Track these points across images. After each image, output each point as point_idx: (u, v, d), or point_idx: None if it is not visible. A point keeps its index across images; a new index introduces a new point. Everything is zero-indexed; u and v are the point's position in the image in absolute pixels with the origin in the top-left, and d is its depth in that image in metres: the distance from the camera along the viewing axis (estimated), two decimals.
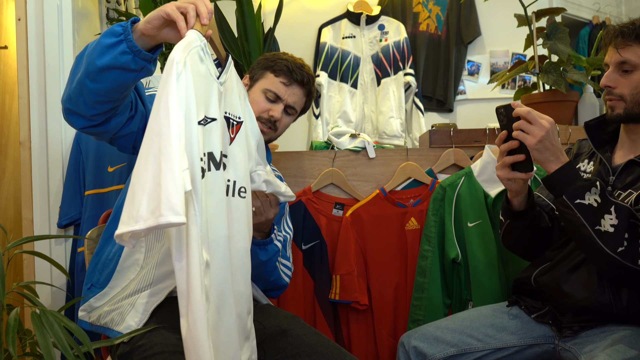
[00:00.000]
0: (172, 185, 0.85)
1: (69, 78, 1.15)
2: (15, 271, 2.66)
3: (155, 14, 1.06)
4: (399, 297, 1.92)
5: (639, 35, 1.31)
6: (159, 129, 0.89)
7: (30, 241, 1.26)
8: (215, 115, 1.06)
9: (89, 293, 1.32)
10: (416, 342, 1.42)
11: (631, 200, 1.29)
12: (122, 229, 0.87)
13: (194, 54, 1.01)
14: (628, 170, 1.35)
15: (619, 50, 1.33)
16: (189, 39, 1.01)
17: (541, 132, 1.24)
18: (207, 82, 1.05)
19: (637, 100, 1.33)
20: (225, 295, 1.06)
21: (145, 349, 1.14)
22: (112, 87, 1.10)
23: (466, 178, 1.86)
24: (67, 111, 1.16)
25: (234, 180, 1.15)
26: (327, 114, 3.21)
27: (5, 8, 2.91)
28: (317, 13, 3.36)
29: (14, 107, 2.93)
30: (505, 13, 2.52)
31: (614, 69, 1.35)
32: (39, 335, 1.04)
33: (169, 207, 0.84)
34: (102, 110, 1.15)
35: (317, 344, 1.28)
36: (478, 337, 1.41)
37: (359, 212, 1.93)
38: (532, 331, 1.41)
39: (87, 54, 1.10)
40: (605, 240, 1.20)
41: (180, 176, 0.86)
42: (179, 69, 0.94)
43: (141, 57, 1.07)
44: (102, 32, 2.37)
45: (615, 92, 1.35)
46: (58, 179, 1.99)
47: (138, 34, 1.08)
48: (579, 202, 1.22)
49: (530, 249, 1.51)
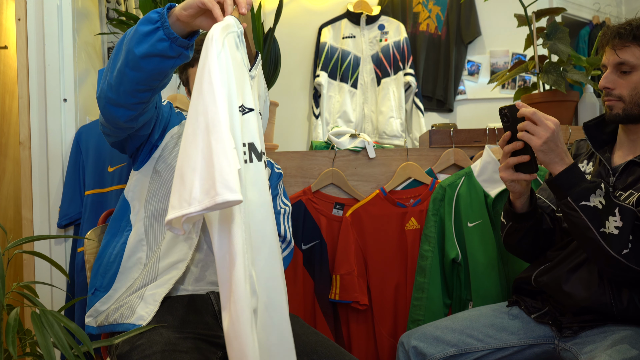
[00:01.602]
0: (225, 163, 0.80)
1: (109, 67, 1.15)
2: (15, 271, 2.66)
3: (192, 2, 1.05)
4: (399, 297, 1.92)
5: (637, 36, 1.31)
6: (204, 107, 0.85)
7: (30, 241, 1.26)
8: (251, 105, 1.04)
9: (94, 298, 1.32)
10: (416, 342, 1.42)
11: (633, 200, 1.28)
12: (174, 213, 0.81)
13: (232, 38, 0.98)
14: (629, 171, 1.35)
15: (617, 52, 1.33)
16: (227, 22, 0.98)
17: (547, 133, 1.24)
18: (242, 71, 1.02)
19: (635, 100, 1.33)
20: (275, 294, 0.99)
21: (145, 348, 1.14)
22: (152, 74, 1.11)
23: (466, 178, 1.86)
24: (109, 101, 1.16)
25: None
26: (327, 114, 3.21)
27: (5, 8, 2.91)
28: (317, 13, 3.36)
29: (14, 107, 2.93)
30: (505, 13, 2.52)
31: (612, 70, 1.35)
32: (39, 335, 1.04)
33: (224, 185, 0.79)
34: (143, 99, 1.16)
35: (316, 344, 1.28)
36: (478, 337, 1.41)
37: (359, 212, 1.93)
38: (532, 331, 1.41)
39: (125, 42, 1.10)
40: (610, 242, 1.20)
41: (233, 153, 0.82)
42: (218, 47, 0.90)
43: (178, 43, 1.07)
44: (102, 32, 2.37)
45: (614, 93, 1.35)
46: (58, 179, 1.99)
47: (173, 19, 1.08)
48: (584, 204, 1.22)
49: (532, 251, 1.50)
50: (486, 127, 2.00)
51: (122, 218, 1.36)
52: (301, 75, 3.34)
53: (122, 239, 1.34)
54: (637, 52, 1.32)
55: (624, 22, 1.35)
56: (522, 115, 1.27)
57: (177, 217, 0.81)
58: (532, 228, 1.44)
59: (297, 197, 1.94)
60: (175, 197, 0.83)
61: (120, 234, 1.35)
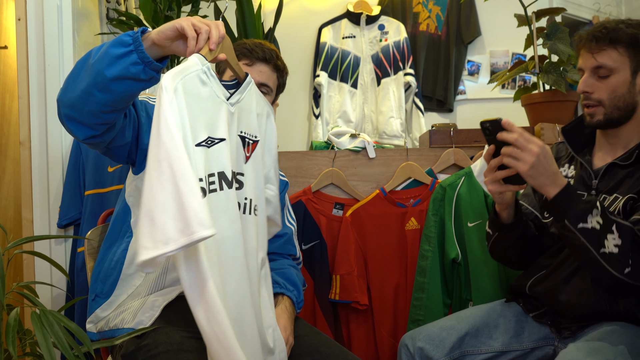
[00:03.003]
0: (196, 202, 0.87)
1: (69, 85, 1.13)
2: (15, 271, 2.66)
3: (170, 26, 1.07)
4: (399, 297, 1.92)
5: (613, 39, 1.29)
6: (166, 153, 0.91)
7: (30, 241, 1.26)
8: (223, 135, 1.08)
9: (94, 304, 1.31)
10: (422, 344, 1.41)
11: (619, 205, 1.28)
12: (149, 253, 0.87)
13: (192, 78, 1.03)
14: (610, 173, 1.35)
15: (595, 55, 1.31)
16: (187, 64, 1.04)
17: (531, 157, 1.20)
18: (213, 104, 1.07)
19: (615, 104, 1.32)
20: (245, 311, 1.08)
21: (150, 349, 1.14)
22: (120, 97, 1.10)
23: (466, 178, 1.86)
24: (69, 118, 1.14)
25: (250, 198, 1.17)
26: (327, 114, 3.21)
27: (5, 8, 2.91)
28: (317, 13, 3.36)
29: (14, 107, 2.93)
30: (505, 13, 2.52)
31: (590, 74, 1.34)
32: (39, 335, 1.04)
33: (199, 223, 0.86)
34: (107, 120, 1.15)
35: (319, 344, 1.28)
36: (482, 339, 1.41)
37: (359, 212, 1.93)
38: (534, 333, 1.41)
39: (92, 63, 1.09)
40: (612, 262, 1.18)
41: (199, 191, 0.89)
42: (169, 95, 0.96)
43: (152, 67, 1.08)
44: (102, 32, 2.37)
45: (594, 97, 1.34)
46: (58, 179, 1.99)
47: (149, 43, 1.08)
48: (582, 227, 1.20)
49: (520, 259, 1.49)
50: None
51: (123, 223, 1.34)
52: (301, 75, 3.34)
53: (123, 245, 1.32)
54: (614, 55, 1.30)
55: (596, 26, 1.33)
56: (503, 140, 1.23)
57: (153, 257, 0.87)
58: (519, 237, 1.43)
59: (297, 197, 1.94)
60: (146, 238, 0.88)
61: (121, 240, 1.33)
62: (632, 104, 1.33)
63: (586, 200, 1.23)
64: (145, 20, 2.13)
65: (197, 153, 1.02)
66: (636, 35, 1.29)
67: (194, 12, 2.26)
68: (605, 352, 1.15)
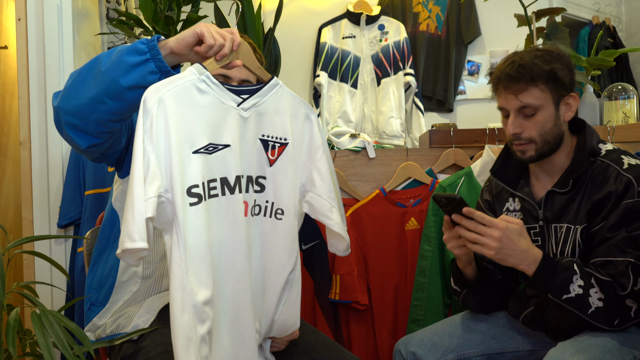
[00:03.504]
0: (130, 216, 0.95)
1: (72, 92, 1.10)
2: (15, 271, 2.66)
3: (190, 32, 1.07)
4: (399, 297, 1.92)
5: (533, 77, 1.29)
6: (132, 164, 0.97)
7: (30, 241, 1.26)
8: (228, 141, 1.08)
9: (90, 313, 1.30)
10: (414, 348, 1.41)
11: (577, 236, 1.29)
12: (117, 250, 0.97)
13: (186, 88, 1.04)
14: (551, 201, 1.35)
15: (518, 96, 1.30)
16: (178, 75, 1.05)
17: (494, 243, 1.20)
18: (216, 111, 1.07)
19: (545, 139, 1.32)
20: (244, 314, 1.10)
21: (149, 350, 1.14)
22: (132, 105, 1.09)
23: (466, 178, 1.86)
24: (71, 126, 1.11)
25: (272, 201, 1.17)
26: (327, 114, 3.21)
27: (5, 8, 2.91)
28: (317, 13, 3.36)
29: (13, 107, 2.93)
30: (505, 13, 2.52)
31: (516, 114, 1.33)
32: (39, 335, 1.04)
33: (127, 235, 0.94)
34: (113, 128, 1.14)
35: (316, 343, 1.28)
36: (476, 342, 1.41)
37: (359, 212, 1.93)
38: (531, 336, 1.41)
39: (104, 70, 1.07)
40: (600, 318, 1.20)
41: (141, 206, 0.95)
42: (148, 105, 0.99)
43: (168, 76, 1.06)
44: (102, 32, 2.37)
45: (524, 136, 1.33)
46: (58, 179, 2.00)
47: (167, 51, 1.08)
48: (566, 297, 1.21)
49: (496, 305, 1.47)
50: (486, 127, 2.00)
51: (112, 228, 1.32)
52: (301, 75, 3.34)
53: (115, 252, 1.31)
54: (536, 92, 1.30)
55: (508, 62, 1.32)
56: (462, 235, 1.24)
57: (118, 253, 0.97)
58: (489, 285, 1.42)
59: None
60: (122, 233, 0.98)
61: (111, 246, 1.30)
62: (560, 134, 1.34)
63: (564, 267, 1.23)
64: (145, 20, 2.13)
65: (193, 160, 1.03)
66: (554, 70, 1.29)
67: (194, 12, 2.26)
68: (593, 350, 1.16)
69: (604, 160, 1.31)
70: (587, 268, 1.24)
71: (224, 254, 1.07)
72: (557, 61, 1.31)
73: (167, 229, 1.02)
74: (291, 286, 1.22)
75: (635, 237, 1.22)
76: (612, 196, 1.25)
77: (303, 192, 1.22)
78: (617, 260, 1.22)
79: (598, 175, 1.30)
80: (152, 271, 1.30)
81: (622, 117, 2.16)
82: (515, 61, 1.31)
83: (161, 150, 0.99)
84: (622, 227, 1.23)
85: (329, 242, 1.27)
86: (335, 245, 1.26)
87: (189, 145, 1.03)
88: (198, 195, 1.03)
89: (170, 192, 1.00)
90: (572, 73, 1.34)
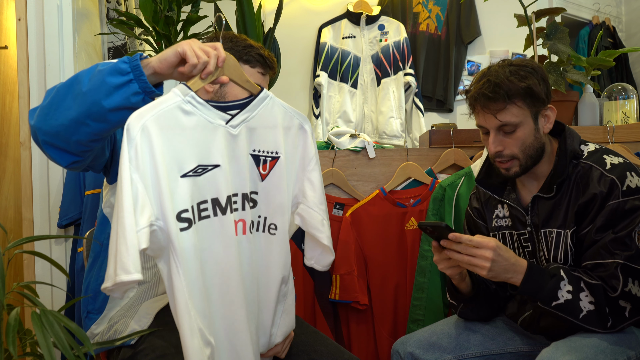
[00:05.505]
0: (123, 248, 0.93)
1: (49, 112, 1.06)
2: (16, 271, 2.66)
3: (172, 52, 1.05)
4: (399, 297, 1.92)
5: (509, 95, 1.28)
6: (119, 194, 0.96)
7: (30, 241, 1.26)
8: (218, 161, 1.06)
9: (88, 322, 1.30)
10: (412, 349, 1.41)
11: (568, 241, 1.29)
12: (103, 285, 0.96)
13: (170, 111, 1.01)
14: (538, 206, 1.35)
15: (497, 116, 1.30)
16: (161, 99, 1.02)
17: (486, 263, 1.20)
18: (203, 131, 1.05)
19: (527, 154, 1.33)
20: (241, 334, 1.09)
21: (148, 353, 1.14)
22: (115, 126, 1.07)
23: (466, 178, 1.86)
24: (50, 146, 1.08)
25: (264, 216, 1.16)
26: (327, 114, 3.21)
27: (5, 8, 2.91)
28: (317, 13, 3.36)
29: (14, 107, 2.93)
30: (505, 13, 2.52)
31: (496, 132, 1.32)
32: (39, 335, 1.04)
33: (122, 267, 0.92)
34: (94, 147, 1.12)
35: (315, 342, 1.28)
36: (475, 343, 1.41)
37: (359, 212, 1.93)
38: (529, 337, 1.42)
39: (85, 91, 1.04)
40: (593, 322, 1.21)
41: (133, 237, 0.93)
42: (132, 134, 0.97)
43: (151, 96, 1.05)
44: (102, 32, 2.37)
45: (506, 153, 1.33)
46: (58, 179, 2.00)
47: (150, 71, 1.05)
48: (556, 304, 1.22)
49: (493, 313, 1.48)
50: None
51: (102, 234, 1.31)
52: (301, 76, 3.34)
53: None
54: (514, 110, 1.29)
55: (483, 81, 1.30)
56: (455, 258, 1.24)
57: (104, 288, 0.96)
58: (485, 297, 1.43)
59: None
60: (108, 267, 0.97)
61: (104, 253, 1.29)
62: (541, 146, 1.34)
63: (551, 274, 1.23)
64: (145, 20, 2.13)
65: (181, 184, 1.02)
66: (530, 86, 1.28)
67: (194, 12, 2.26)
68: (586, 351, 1.16)
69: (587, 162, 1.31)
70: (576, 272, 1.24)
71: (217, 275, 1.07)
72: (532, 76, 1.30)
73: (159, 256, 1.02)
74: (285, 297, 1.21)
75: (622, 238, 1.22)
76: (597, 198, 1.26)
77: (295, 204, 1.21)
78: (607, 262, 1.22)
79: (582, 178, 1.30)
80: (149, 276, 1.30)
81: (622, 117, 2.17)
82: (490, 80, 1.29)
83: (148, 179, 0.97)
84: (609, 228, 1.24)
85: (309, 255, 1.25)
86: (318, 259, 1.24)
87: (176, 169, 1.01)
88: (188, 220, 1.02)
89: (162, 219, 0.98)
90: (548, 85, 1.33)
